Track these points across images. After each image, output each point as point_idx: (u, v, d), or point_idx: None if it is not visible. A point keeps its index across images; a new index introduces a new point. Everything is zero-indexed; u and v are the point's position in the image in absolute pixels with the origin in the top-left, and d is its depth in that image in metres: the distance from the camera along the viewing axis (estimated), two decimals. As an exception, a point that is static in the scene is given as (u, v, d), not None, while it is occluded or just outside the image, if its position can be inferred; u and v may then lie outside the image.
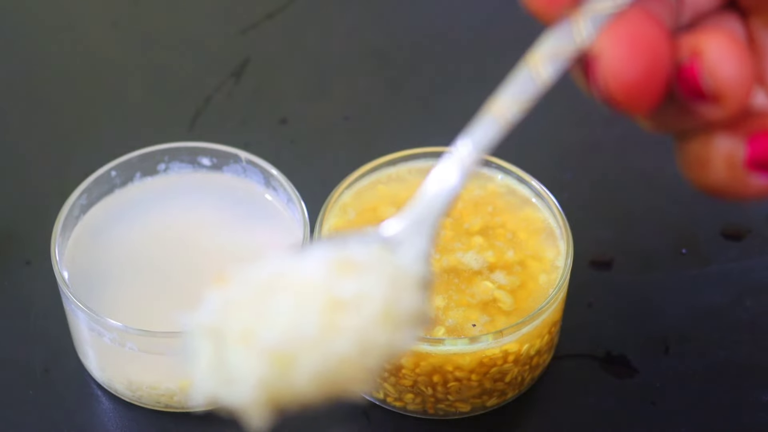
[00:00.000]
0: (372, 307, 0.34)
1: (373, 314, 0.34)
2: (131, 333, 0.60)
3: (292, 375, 0.34)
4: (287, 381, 0.34)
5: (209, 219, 0.67)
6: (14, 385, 0.65)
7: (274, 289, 0.34)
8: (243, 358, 0.33)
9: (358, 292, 0.34)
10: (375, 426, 0.63)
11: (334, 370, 0.34)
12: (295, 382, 0.34)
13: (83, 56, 0.86)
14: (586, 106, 0.64)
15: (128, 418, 0.64)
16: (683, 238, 0.72)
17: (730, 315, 0.68)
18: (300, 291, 0.34)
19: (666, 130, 0.38)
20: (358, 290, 0.34)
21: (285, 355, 0.33)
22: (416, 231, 0.37)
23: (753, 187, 0.36)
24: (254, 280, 0.35)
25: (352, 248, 0.36)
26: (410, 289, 0.35)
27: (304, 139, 0.79)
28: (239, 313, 0.34)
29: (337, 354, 0.34)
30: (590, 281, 0.70)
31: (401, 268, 0.36)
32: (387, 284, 0.35)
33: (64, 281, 0.61)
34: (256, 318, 0.34)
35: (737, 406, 0.64)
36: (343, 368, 0.34)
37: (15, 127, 0.81)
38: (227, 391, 0.34)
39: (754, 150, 0.35)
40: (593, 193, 0.76)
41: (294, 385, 0.34)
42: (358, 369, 0.34)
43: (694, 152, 0.38)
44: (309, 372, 0.34)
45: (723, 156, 0.37)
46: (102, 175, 0.67)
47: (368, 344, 0.34)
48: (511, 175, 0.67)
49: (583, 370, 0.66)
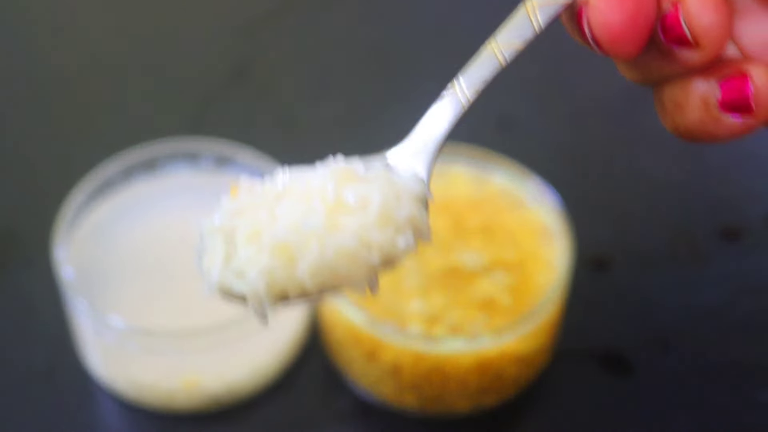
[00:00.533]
0: (372, 209, 0.38)
1: (372, 216, 0.38)
2: (132, 333, 0.60)
3: (294, 266, 0.37)
4: (290, 272, 0.37)
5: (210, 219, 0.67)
6: (15, 385, 0.65)
7: (282, 196, 0.39)
8: (250, 252, 0.37)
9: (360, 197, 0.38)
10: (375, 426, 0.63)
11: (333, 263, 0.37)
12: (297, 272, 0.37)
13: (83, 56, 0.86)
14: (586, 106, 0.64)
15: (129, 418, 0.64)
16: (683, 238, 0.73)
17: (729, 314, 0.68)
18: (306, 196, 0.38)
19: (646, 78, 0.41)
20: (359, 195, 0.38)
21: (288, 248, 0.37)
22: (415, 160, 0.41)
23: (726, 126, 0.39)
24: (264, 189, 0.39)
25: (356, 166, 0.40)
26: (408, 200, 0.39)
27: (304, 139, 0.79)
28: (249, 217, 0.38)
29: (337, 248, 0.37)
30: (590, 281, 0.70)
31: (400, 184, 0.40)
32: (386, 193, 0.39)
33: (65, 281, 0.61)
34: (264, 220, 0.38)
35: (736, 406, 0.64)
36: (342, 262, 0.37)
37: (15, 127, 0.81)
38: (236, 282, 0.38)
39: (727, 92, 0.39)
40: (593, 193, 0.76)
41: (296, 276, 0.37)
42: (355, 264, 0.38)
43: (673, 96, 0.40)
44: (310, 263, 0.37)
45: (699, 98, 0.40)
46: (102, 175, 0.67)
47: (366, 242, 0.38)
48: (510, 175, 0.67)
49: (583, 370, 0.66)
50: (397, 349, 0.60)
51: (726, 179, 0.77)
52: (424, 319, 0.61)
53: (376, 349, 0.60)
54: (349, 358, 0.63)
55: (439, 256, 0.64)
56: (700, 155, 0.78)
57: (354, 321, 0.60)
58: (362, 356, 0.62)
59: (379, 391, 0.63)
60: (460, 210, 0.66)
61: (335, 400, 0.65)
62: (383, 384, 0.62)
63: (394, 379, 0.61)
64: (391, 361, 0.60)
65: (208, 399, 0.63)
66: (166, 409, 0.63)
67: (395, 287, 0.62)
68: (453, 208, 0.66)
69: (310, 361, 0.66)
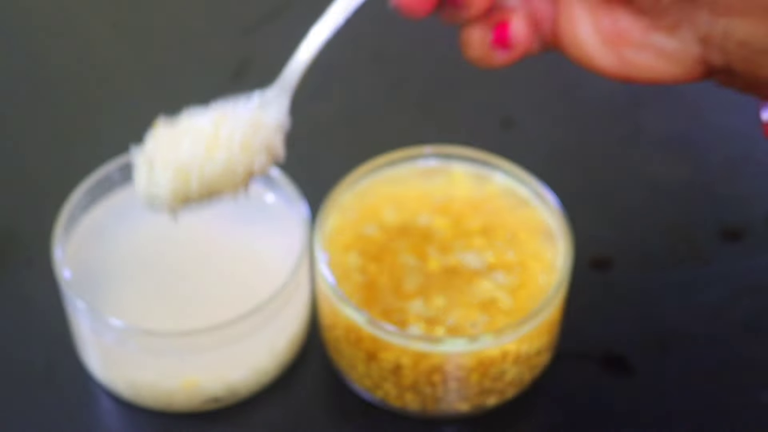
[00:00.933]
0: (236, 142, 0.54)
1: (235, 149, 0.54)
2: (132, 333, 0.60)
3: (189, 182, 0.54)
4: (186, 185, 0.54)
5: (209, 219, 0.67)
6: (15, 385, 0.65)
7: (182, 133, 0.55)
8: (162, 175, 0.54)
9: (228, 133, 0.54)
10: (375, 426, 0.63)
11: (212, 181, 0.54)
12: (192, 188, 0.54)
13: (83, 56, 0.86)
14: (585, 107, 0.64)
15: (129, 418, 0.64)
16: (683, 238, 0.73)
17: (730, 315, 0.68)
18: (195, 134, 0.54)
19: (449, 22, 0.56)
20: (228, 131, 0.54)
21: (184, 170, 0.53)
22: (280, 94, 0.57)
23: (497, 59, 0.55)
24: (173, 128, 0.55)
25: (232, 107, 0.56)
26: (265, 130, 0.55)
27: (304, 139, 0.79)
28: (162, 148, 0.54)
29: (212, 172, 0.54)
30: (590, 281, 0.70)
31: (260, 118, 0.56)
32: (248, 127, 0.55)
33: (64, 281, 0.61)
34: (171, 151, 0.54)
35: (737, 406, 0.64)
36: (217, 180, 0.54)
37: (15, 127, 0.81)
38: (155, 196, 0.54)
39: (496, 35, 0.55)
40: (593, 193, 0.76)
41: (192, 190, 0.54)
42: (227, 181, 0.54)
43: (464, 36, 0.56)
44: (197, 181, 0.54)
45: (478, 39, 0.55)
46: (102, 175, 0.67)
47: (232, 167, 0.54)
48: (511, 175, 0.67)
49: (583, 370, 0.66)
50: (398, 349, 0.60)
51: (727, 179, 0.77)
52: (424, 319, 0.61)
53: (376, 349, 0.60)
54: (349, 358, 0.63)
55: (440, 256, 0.64)
56: (700, 155, 0.78)
57: (354, 321, 0.60)
58: (362, 356, 0.62)
59: (379, 391, 0.63)
60: (460, 210, 0.66)
61: (335, 400, 0.65)
62: (383, 384, 0.62)
63: (394, 379, 0.61)
64: (392, 361, 0.60)
65: (208, 399, 0.63)
66: (166, 409, 0.63)
67: (395, 287, 0.62)
68: (453, 208, 0.66)
69: (310, 361, 0.66)
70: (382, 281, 0.63)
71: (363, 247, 0.64)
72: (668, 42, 0.53)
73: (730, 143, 0.70)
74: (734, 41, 0.51)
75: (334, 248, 0.64)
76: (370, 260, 0.64)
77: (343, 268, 0.63)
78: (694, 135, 0.80)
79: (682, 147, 0.79)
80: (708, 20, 0.51)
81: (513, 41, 0.55)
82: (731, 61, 0.51)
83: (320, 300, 0.64)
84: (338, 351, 0.64)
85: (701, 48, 0.52)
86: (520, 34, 0.55)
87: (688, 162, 0.78)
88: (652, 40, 0.53)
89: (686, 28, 0.52)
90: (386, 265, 0.63)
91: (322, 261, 0.62)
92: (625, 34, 0.54)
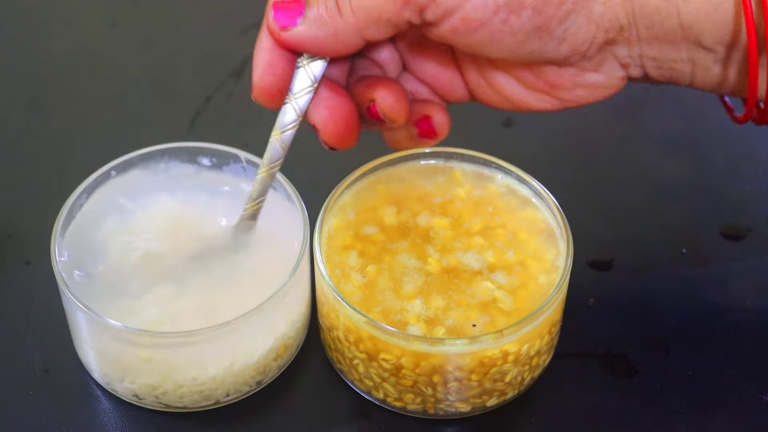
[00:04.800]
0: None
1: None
2: (131, 333, 0.60)
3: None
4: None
5: (209, 219, 0.67)
6: (14, 385, 0.65)
7: None
8: None
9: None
10: (375, 426, 0.63)
11: None
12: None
13: (83, 56, 0.86)
14: (586, 107, 0.64)
15: (128, 418, 0.64)
16: (683, 238, 0.73)
17: (730, 315, 0.68)
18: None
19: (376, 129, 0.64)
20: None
21: None
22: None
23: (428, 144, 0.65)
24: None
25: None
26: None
27: (304, 139, 0.79)
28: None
29: None
30: (590, 281, 0.70)
31: None
32: None
33: (63, 281, 0.61)
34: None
35: (737, 406, 0.64)
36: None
37: (15, 127, 0.81)
38: None
39: (421, 130, 0.64)
40: (593, 193, 0.76)
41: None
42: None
43: (389, 138, 0.65)
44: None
45: (405, 137, 0.64)
46: (102, 175, 0.67)
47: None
48: (511, 175, 0.67)
49: (583, 370, 0.66)
50: (398, 350, 0.60)
51: (728, 179, 0.77)
52: (424, 320, 0.61)
53: (376, 349, 0.60)
54: (349, 359, 0.63)
55: (440, 256, 0.64)
56: (702, 155, 0.78)
57: (354, 321, 0.60)
58: (362, 357, 0.61)
59: (379, 391, 0.63)
60: (460, 210, 0.66)
61: (335, 400, 0.65)
62: (384, 384, 0.62)
63: (394, 380, 0.61)
64: (392, 361, 0.60)
65: (208, 399, 0.63)
66: (165, 409, 0.63)
67: (396, 288, 0.62)
68: (453, 208, 0.66)
69: (310, 361, 0.66)
70: (382, 281, 0.63)
71: (363, 247, 0.64)
72: (596, 76, 0.60)
73: (731, 143, 0.70)
74: (648, 58, 0.59)
75: (334, 248, 0.64)
76: (370, 260, 0.64)
77: (343, 269, 0.63)
78: (695, 135, 0.80)
79: (683, 147, 0.79)
80: (626, 51, 0.59)
81: (438, 131, 0.64)
82: (648, 71, 0.60)
83: (320, 300, 0.64)
84: (338, 351, 0.64)
85: (623, 70, 0.60)
86: (442, 122, 0.64)
87: (688, 162, 0.78)
88: (581, 80, 0.60)
89: (609, 63, 0.60)
90: (386, 265, 0.63)
91: (321, 261, 0.62)
92: (555, 84, 0.61)
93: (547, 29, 0.57)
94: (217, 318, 0.60)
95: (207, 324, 0.60)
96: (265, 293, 0.61)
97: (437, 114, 0.63)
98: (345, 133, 0.61)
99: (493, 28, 0.56)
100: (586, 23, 0.57)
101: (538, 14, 0.56)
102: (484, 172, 0.68)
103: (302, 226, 0.64)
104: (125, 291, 0.64)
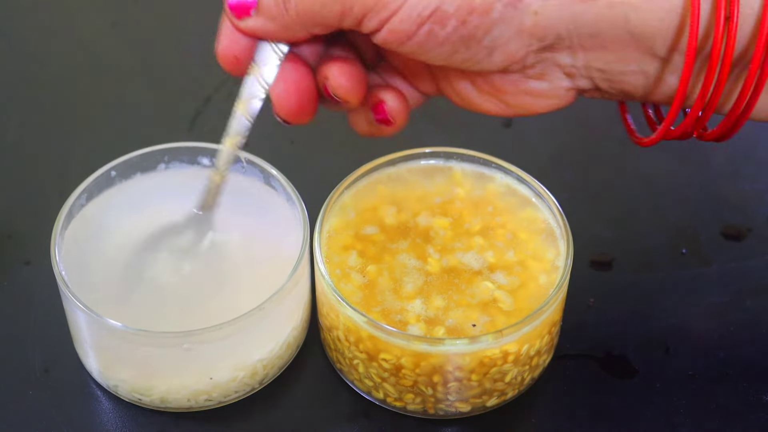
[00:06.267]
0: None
1: None
2: (131, 333, 0.60)
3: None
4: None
5: (209, 219, 0.67)
6: (14, 385, 0.65)
7: None
8: None
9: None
10: (375, 426, 0.63)
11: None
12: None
13: (83, 56, 0.86)
14: (585, 107, 0.64)
15: (128, 418, 0.64)
16: (683, 238, 0.73)
17: (730, 315, 0.68)
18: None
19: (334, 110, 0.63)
20: None
21: None
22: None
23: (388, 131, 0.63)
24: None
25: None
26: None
27: (304, 139, 0.79)
28: None
29: None
30: (590, 281, 0.70)
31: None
32: None
33: (63, 281, 0.61)
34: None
35: (737, 406, 0.64)
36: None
37: (15, 127, 0.81)
38: None
39: (377, 115, 0.62)
40: (593, 193, 0.76)
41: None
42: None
43: (351, 121, 0.64)
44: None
45: (364, 120, 0.63)
46: (102, 175, 0.67)
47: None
48: (511, 175, 0.67)
49: (583, 370, 0.66)
50: (398, 350, 0.60)
51: (728, 179, 0.77)
52: (424, 320, 0.61)
53: (376, 349, 0.60)
54: (349, 359, 0.63)
55: (440, 256, 0.64)
56: (701, 155, 0.78)
57: (354, 321, 0.60)
58: (362, 357, 0.61)
59: (379, 391, 0.63)
60: (460, 210, 0.66)
61: (335, 400, 0.65)
62: (384, 384, 0.62)
63: (394, 380, 0.61)
64: (392, 361, 0.60)
65: (208, 399, 0.63)
66: (165, 409, 0.63)
67: (395, 288, 0.62)
68: (453, 208, 0.66)
69: (310, 361, 0.66)
70: (382, 281, 0.63)
71: (363, 247, 0.64)
72: (540, 84, 0.60)
73: (731, 143, 0.70)
74: (595, 69, 0.58)
75: (334, 248, 0.64)
76: (370, 260, 0.64)
77: (343, 269, 0.63)
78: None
79: (683, 147, 0.78)
80: (569, 60, 0.58)
81: (391, 116, 0.62)
82: (597, 83, 0.59)
83: (320, 300, 0.64)
84: (338, 351, 0.64)
85: (569, 80, 0.59)
86: (396, 109, 0.62)
87: (688, 162, 0.78)
88: (525, 87, 0.60)
89: (552, 71, 0.59)
90: (386, 265, 0.63)
91: (321, 261, 0.62)
92: (501, 89, 0.60)
93: (474, 39, 0.56)
94: (217, 318, 0.60)
95: (207, 324, 0.60)
96: (265, 293, 0.61)
97: (392, 100, 0.62)
98: (297, 107, 0.61)
99: (419, 40, 0.56)
100: (516, 33, 0.56)
101: (462, 24, 0.56)
102: (484, 172, 0.68)
103: (302, 226, 0.64)
104: (125, 291, 0.64)
